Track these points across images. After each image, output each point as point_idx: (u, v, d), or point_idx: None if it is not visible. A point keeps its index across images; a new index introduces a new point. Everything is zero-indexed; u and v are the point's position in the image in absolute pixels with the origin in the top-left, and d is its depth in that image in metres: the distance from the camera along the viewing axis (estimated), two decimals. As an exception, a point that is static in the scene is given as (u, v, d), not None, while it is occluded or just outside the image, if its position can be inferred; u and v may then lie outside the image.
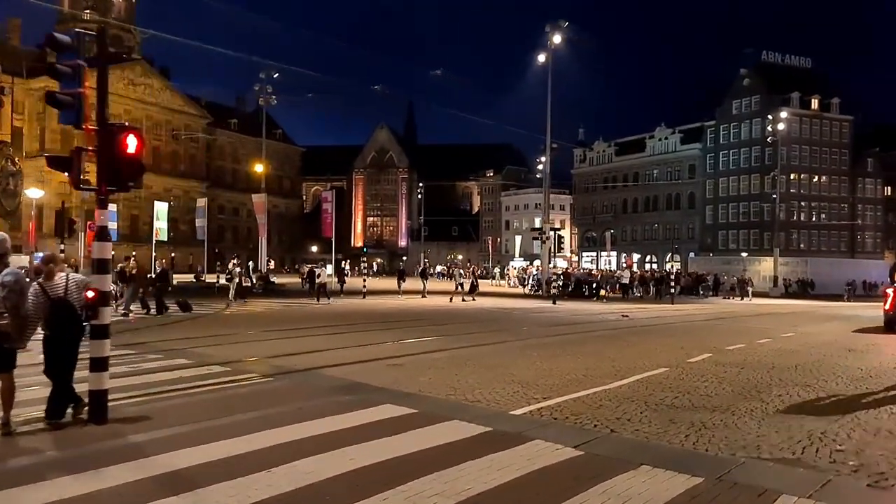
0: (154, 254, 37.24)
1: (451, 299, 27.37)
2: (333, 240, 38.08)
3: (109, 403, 6.40)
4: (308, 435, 5.77)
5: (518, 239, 71.10)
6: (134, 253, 65.20)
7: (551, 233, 33.66)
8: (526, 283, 38.80)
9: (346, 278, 34.90)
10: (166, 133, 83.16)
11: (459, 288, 28.92)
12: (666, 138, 76.63)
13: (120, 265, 22.48)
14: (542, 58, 33.82)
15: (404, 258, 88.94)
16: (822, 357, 11.62)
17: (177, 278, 47.54)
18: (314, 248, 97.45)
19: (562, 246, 32.58)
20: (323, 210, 39.45)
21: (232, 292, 24.67)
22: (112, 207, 47.30)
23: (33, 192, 21.68)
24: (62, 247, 19.01)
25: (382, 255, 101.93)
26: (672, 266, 45.01)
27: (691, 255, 68.25)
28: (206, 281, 37.38)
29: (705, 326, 18.58)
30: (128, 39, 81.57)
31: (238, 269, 26.72)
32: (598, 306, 26.75)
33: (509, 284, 47.54)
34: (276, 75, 43.13)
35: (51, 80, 6.79)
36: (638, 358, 11.03)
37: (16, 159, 15.53)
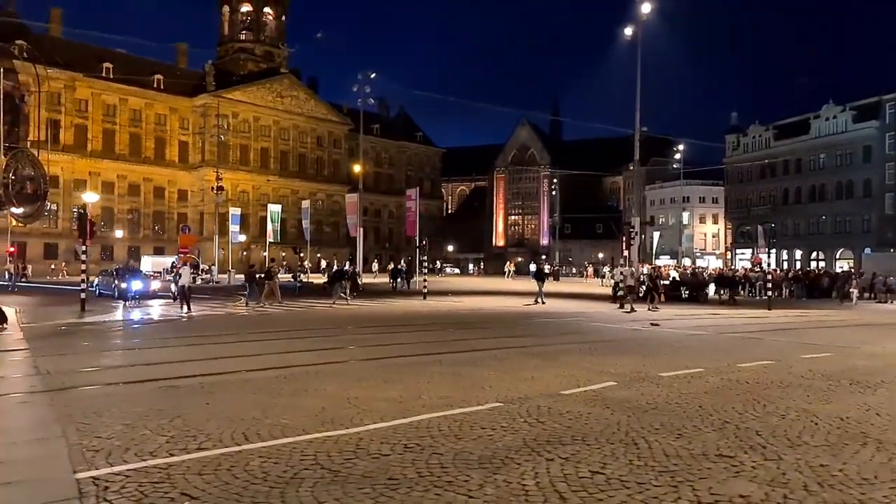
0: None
1: (630, 309, 22.78)
2: (417, 239, 36.89)
3: None
4: None
5: (657, 235, 65.07)
6: (283, 254, 69.69)
7: (648, 227, 29.74)
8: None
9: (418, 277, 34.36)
10: (311, 140, 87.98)
11: (621, 291, 24.17)
12: (835, 117, 66.22)
13: (269, 265, 25.17)
14: (628, 31, 29.87)
15: (544, 256, 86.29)
16: (785, 395, 8.02)
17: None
18: (450, 248, 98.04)
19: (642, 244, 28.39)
20: (407, 209, 38.59)
21: (347, 290, 26.72)
22: (236, 211, 49.42)
23: (89, 197, 22.90)
24: (84, 248, 19.68)
25: (524, 253, 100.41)
26: (813, 263, 38.13)
27: (867, 251, 58.27)
28: (302, 280, 37.83)
29: (734, 340, 14.34)
30: (277, 55, 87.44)
31: (349, 268, 30.04)
32: (667, 311, 22.84)
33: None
34: (372, 76, 44.12)
35: (209, 97, 6.27)
36: (505, 384, 8.37)
37: (37, 163, 16.10)
